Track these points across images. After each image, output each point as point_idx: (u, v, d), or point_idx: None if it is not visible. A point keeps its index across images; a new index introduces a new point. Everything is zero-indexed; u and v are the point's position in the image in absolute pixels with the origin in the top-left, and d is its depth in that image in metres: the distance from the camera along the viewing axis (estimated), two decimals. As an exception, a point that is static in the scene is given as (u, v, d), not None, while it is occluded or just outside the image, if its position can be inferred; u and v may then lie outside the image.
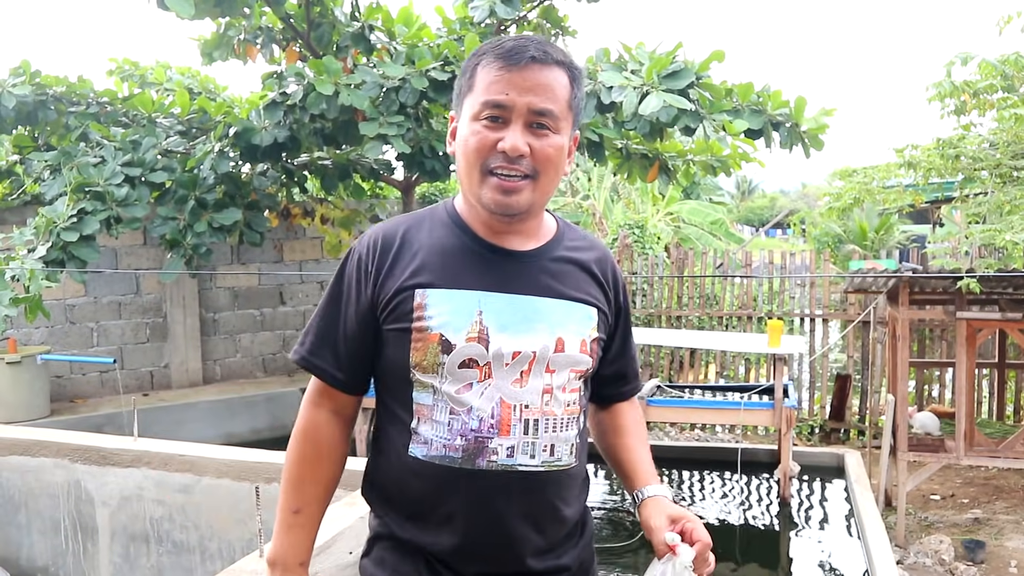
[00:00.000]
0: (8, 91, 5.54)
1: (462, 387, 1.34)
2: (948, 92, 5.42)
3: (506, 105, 1.32)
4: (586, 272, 1.48)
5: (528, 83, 1.33)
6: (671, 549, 1.32)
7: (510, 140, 1.32)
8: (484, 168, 1.34)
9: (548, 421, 1.38)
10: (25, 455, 3.49)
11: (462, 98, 1.40)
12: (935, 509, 5.49)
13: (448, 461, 1.34)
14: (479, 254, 1.40)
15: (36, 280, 4.67)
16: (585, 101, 1.50)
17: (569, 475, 1.43)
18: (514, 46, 1.35)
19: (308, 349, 1.46)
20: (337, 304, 1.44)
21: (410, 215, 1.48)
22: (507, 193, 1.34)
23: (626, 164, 6.42)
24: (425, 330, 1.34)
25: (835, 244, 16.25)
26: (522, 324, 1.37)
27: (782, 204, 38.91)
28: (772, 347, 4.93)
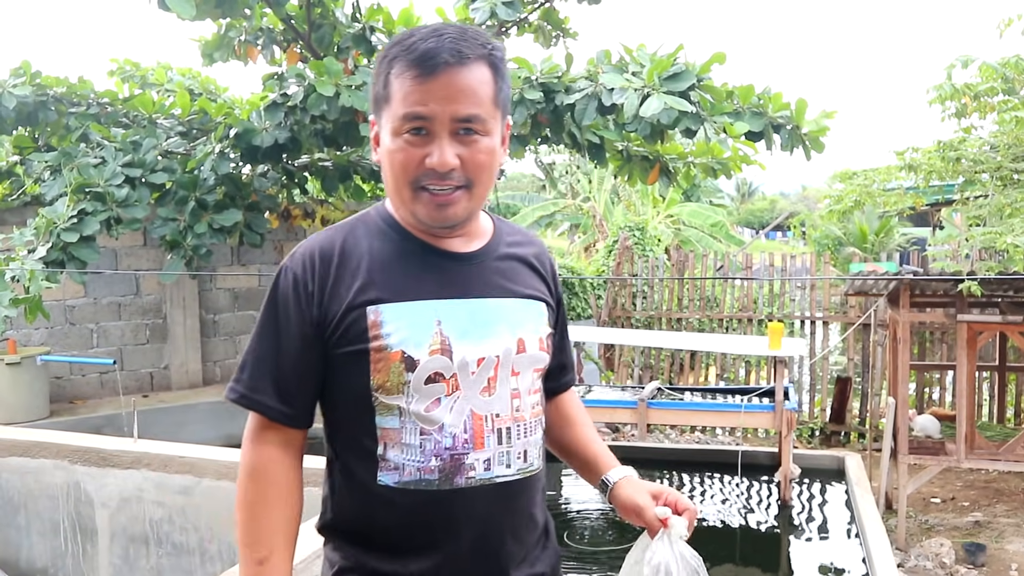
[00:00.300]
0: (8, 92, 5.54)
1: (430, 404, 1.27)
2: (949, 95, 5.42)
3: (427, 116, 1.24)
4: (529, 267, 1.44)
5: (447, 90, 1.24)
6: (663, 523, 1.30)
7: (437, 156, 1.24)
8: (414, 185, 1.26)
9: (519, 427, 1.34)
10: (25, 456, 3.49)
11: (380, 107, 1.31)
12: (936, 512, 5.48)
13: (424, 485, 1.27)
14: (426, 260, 1.33)
15: (36, 281, 4.67)
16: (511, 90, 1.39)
17: (538, 478, 1.39)
18: (426, 51, 1.24)
19: (247, 385, 1.31)
20: (274, 332, 1.30)
21: (341, 225, 1.38)
22: (442, 207, 1.27)
23: (627, 166, 6.42)
24: (384, 349, 1.25)
25: (835, 247, 16.25)
26: (482, 329, 1.31)
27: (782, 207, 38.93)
28: (773, 349, 4.92)
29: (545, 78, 5.19)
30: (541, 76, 5.19)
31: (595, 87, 5.03)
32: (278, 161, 6.07)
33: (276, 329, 1.30)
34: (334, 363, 1.29)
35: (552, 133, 5.69)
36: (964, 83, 5.46)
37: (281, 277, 1.33)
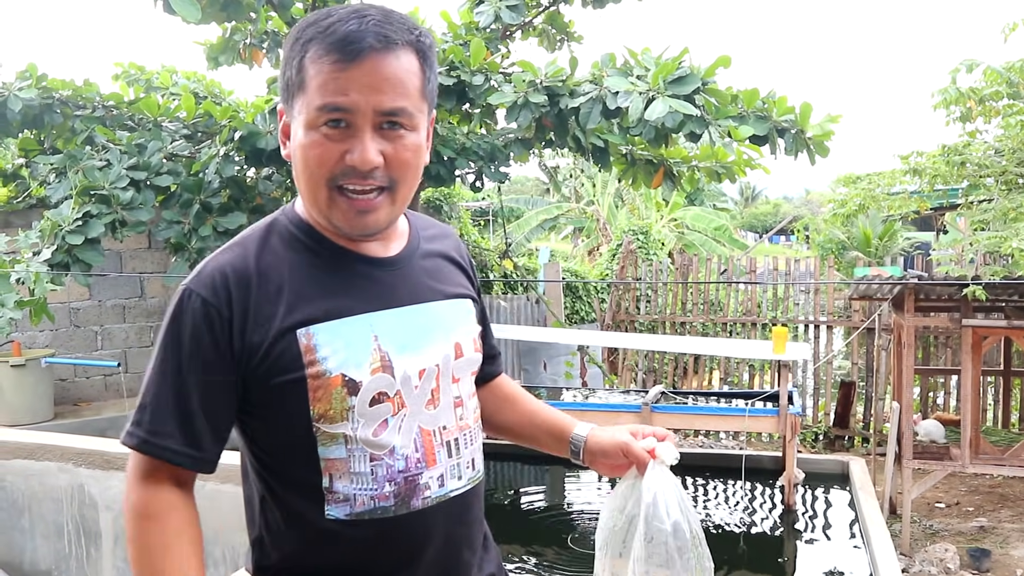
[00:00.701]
0: (15, 94, 5.55)
1: (377, 427, 1.16)
2: (954, 99, 5.42)
3: (348, 108, 1.10)
4: (452, 263, 1.35)
5: (371, 79, 1.10)
6: (651, 454, 1.29)
7: (359, 152, 1.11)
8: (331, 184, 1.13)
9: (466, 435, 1.28)
10: (29, 459, 3.49)
11: (291, 95, 1.15)
12: (940, 517, 5.47)
13: (380, 513, 1.17)
14: (350, 270, 1.20)
15: (41, 283, 4.68)
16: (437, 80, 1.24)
17: (483, 483, 1.33)
18: (347, 33, 1.09)
19: (148, 429, 1.14)
20: (177, 366, 1.14)
21: (248, 238, 1.22)
22: (362, 214, 1.15)
23: (631, 170, 6.42)
24: (323, 375, 1.13)
25: (839, 251, 16.23)
26: (419, 338, 1.22)
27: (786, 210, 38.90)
28: (777, 354, 4.91)
29: (549, 82, 5.20)
30: (546, 80, 5.20)
31: (600, 91, 5.03)
32: (282, 164, 6.07)
33: (180, 363, 1.13)
34: (263, 396, 1.15)
35: (556, 137, 5.69)
36: (969, 87, 5.46)
37: (185, 303, 1.15)
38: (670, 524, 1.24)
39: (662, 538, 1.24)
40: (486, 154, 5.63)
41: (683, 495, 1.27)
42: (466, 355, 1.30)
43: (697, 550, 1.26)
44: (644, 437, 1.32)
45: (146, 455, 1.15)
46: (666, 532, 1.24)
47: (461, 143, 5.55)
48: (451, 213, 9.47)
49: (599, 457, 1.37)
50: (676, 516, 1.25)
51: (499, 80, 5.33)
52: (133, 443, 1.15)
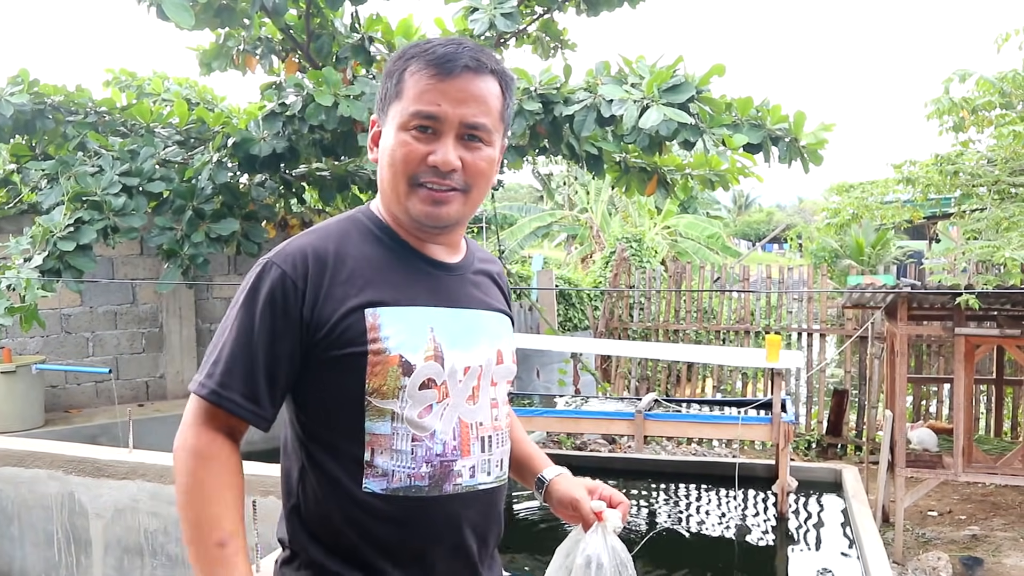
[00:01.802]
0: (6, 100, 5.54)
1: (423, 410, 1.27)
2: (947, 109, 5.45)
3: (438, 116, 1.26)
4: (496, 285, 1.49)
5: (461, 94, 1.27)
6: (598, 516, 1.35)
7: (441, 154, 1.26)
8: (412, 181, 1.28)
9: (498, 436, 1.38)
10: (19, 466, 3.46)
11: (387, 104, 1.32)
12: (933, 525, 5.47)
13: (414, 491, 1.26)
14: (417, 267, 1.34)
15: (32, 290, 4.65)
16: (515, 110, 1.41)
17: (506, 487, 1.42)
18: (446, 52, 1.27)
19: (219, 381, 1.24)
20: (250, 327, 1.25)
21: (328, 227, 1.35)
22: (437, 204, 1.29)
23: (624, 177, 6.42)
24: (383, 352, 1.24)
25: (832, 259, 16.28)
26: (468, 338, 1.34)
27: (779, 219, 39.01)
28: (770, 362, 4.91)
29: (544, 89, 5.20)
30: (540, 87, 5.20)
31: (594, 98, 5.04)
32: (276, 171, 6.07)
33: (253, 325, 1.24)
34: (322, 366, 1.26)
35: (550, 144, 5.70)
36: (962, 97, 5.49)
37: (266, 273, 1.27)
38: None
39: None
40: (480, 161, 5.62)
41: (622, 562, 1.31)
42: (505, 363, 1.41)
43: None
44: (599, 497, 1.43)
45: (213, 404, 1.24)
46: None
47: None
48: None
49: (555, 504, 1.49)
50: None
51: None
52: (204, 392, 1.24)
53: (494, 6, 5.80)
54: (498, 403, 1.39)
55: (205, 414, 1.25)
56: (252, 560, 2.75)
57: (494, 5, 5.81)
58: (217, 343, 1.27)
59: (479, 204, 1.36)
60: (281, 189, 6.64)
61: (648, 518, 4.69)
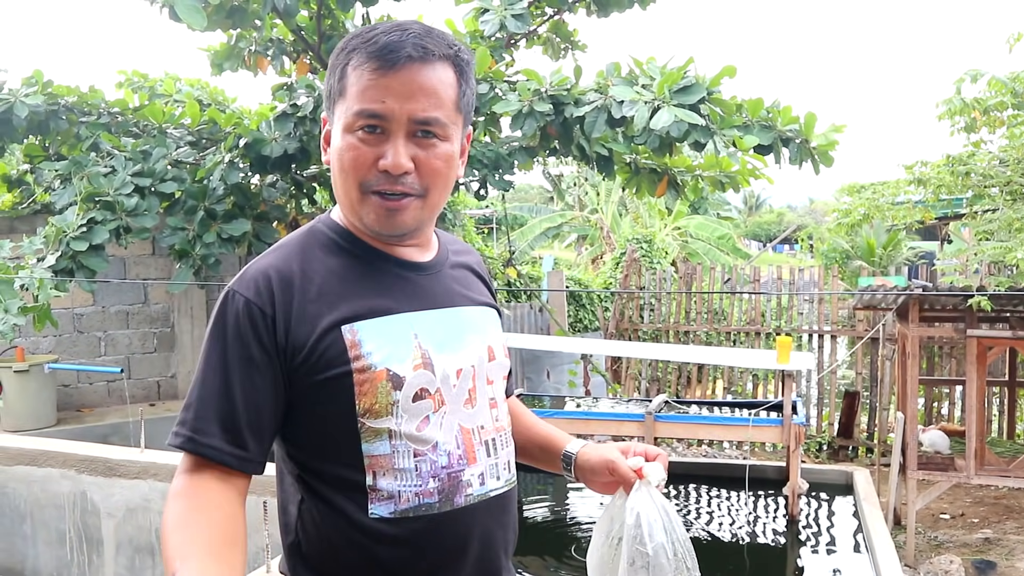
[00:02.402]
0: (20, 101, 5.57)
1: (420, 422, 1.19)
2: (958, 109, 5.42)
3: (383, 115, 1.15)
4: (476, 276, 1.40)
5: (407, 87, 1.15)
6: (638, 474, 1.27)
7: (391, 157, 1.15)
8: (364, 187, 1.18)
9: (502, 437, 1.30)
10: (31, 465, 3.49)
11: (333, 102, 1.21)
12: (945, 528, 5.44)
13: (425, 509, 1.18)
14: (388, 272, 1.25)
15: (45, 289, 4.68)
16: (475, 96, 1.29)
17: (516, 488, 1.35)
18: (387, 43, 1.15)
19: (192, 427, 1.14)
20: (222, 365, 1.15)
21: (288, 244, 1.25)
22: (391, 213, 1.19)
23: (635, 179, 6.42)
24: (368, 369, 1.16)
25: (843, 260, 16.20)
26: (456, 339, 1.26)
27: (789, 219, 38.89)
28: (780, 363, 4.90)
29: (554, 90, 5.20)
30: (551, 88, 5.20)
31: (605, 99, 5.04)
32: (287, 171, 6.09)
33: (225, 361, 1.15)
34: (307, 393, 1.17)
35: (561, 145, 5.70)
36: (974, 97, 5.46)
37: (229, 304, 1.17)
38: (651, 548, 1.21)
39: (643, 562, 1.21)
40: (490, 162, 5.63)
41: (671, 517, 1.24)
42: (498, 359, 1.33)
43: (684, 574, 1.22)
44: (634, 455, 1.32)
45: (191, 454, 1.15)
46: (647, 556, 1.21)
47: (465, 151, 5.56)
48: (455, 221, 9.47)
49: (588, 474, 1.38)
50: (660, 539, 1.22)
51: (504, 89, 5.34)
52: (178, 443, 1.15)
53: (504, 7, 5.81)
54: (497, 402, 1.31)
55: (188, 465, 1.15)
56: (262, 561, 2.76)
57: (504, 6, 5.81)
58: (191, 388, 1.17)
59: (441, 205, 1.26)
60: (292, 190, 6.67)
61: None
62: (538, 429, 1.50)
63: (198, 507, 1.11)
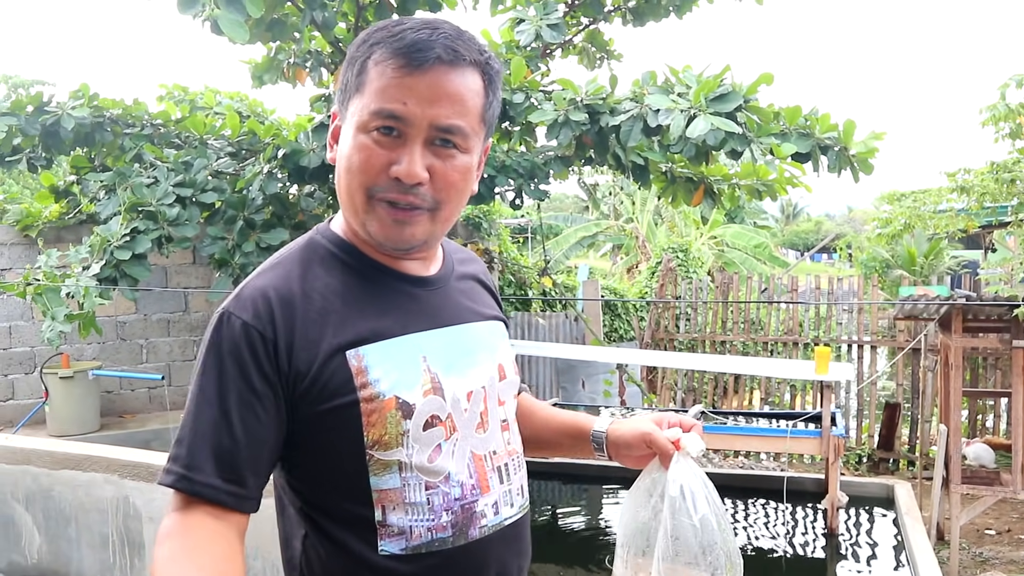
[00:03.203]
0: (68, 113, 5.71)
1: (432, 452, 1.11)
2: (1003, 116, 5.33)
3: (403, 117, 1.05)
4: (483, 286, 1.32)
5: (433, 91, 1.05)
6: (675, 445, 1.21)
7: (406, 164, 1.06)
8: (371, 193, 1.08)
9: (514, 460, 1.23)
10: (76, 469, 3.56)
11: (347, 97, 1.11)
12: (990, 545, 5.32)
13: (438, 545, 1.11)
14: (393, 288, 1.15)
15: (90, 297, 4.78)
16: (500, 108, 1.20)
17: (529, 512, 1.29)
18: (415, 40, 1.05)
19: (185, 464, 1.03)
20: (217, 395, 1.04)
21: (285, 261, 1.15)
22: (399, 225, 1.09)
23: (671, 188, 6.39)
24: (376, 398, 1.07)
25: (883, 269, 15.97)
26: (465, 359, 1.17)
27: (828, 228, 38.41)
28: (819, 374, 4.83)
29: (590, 99, 5.20)
30: (586, 98, 5.20)
31: (640, 108, 5.02)
32: (325, 181, 6.15)
33: (221, 390, 1.04)
34: (311, 424, 1.08)
35: (596, 154, 5.69)
36: (1019, 103, 5.36)
37: (224, 327, 1.06)
38: (698, 519, 1.17)
39: (689, 534, 1.17)
40: (526, 172, 5.64)
41: (711, 489, 1.20)
42: (508, 377, 1.26)
43: (727, 547, 1.19)
44: (669, 426, 1.25)
45: (183, 493, 1.04)
46: (694, 527, 1.17)
47: (501, 161, 5.58)
48: (490, 230, 9.50)
49: (623, 449, 1.30)
50: (704, 510, 1.18)
51: (539, 98, 5.35)
52: (169, 481, 1.04)
53: (540, 17, 5.83)
54: (508, 424, 1.23)
55: (181, 503, 1.05)
56: (300, 566, 2.78)
57: (540, 16, 5.83)
58: (184, 420, 1.07)
59: (453, 220, 1.16)
60: (329, 199, 6.73)
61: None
62: (560, 418, 1.43)
63: (191, 547, 1.01)
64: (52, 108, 5.77)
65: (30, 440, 4.03)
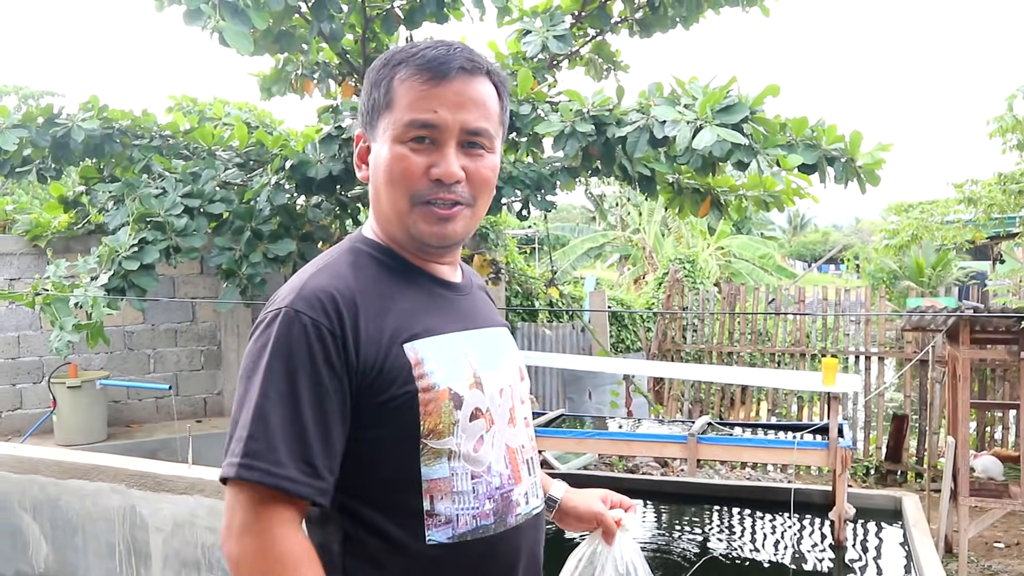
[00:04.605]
0: (78, 125, 5.75)
1: (476, 443, 1.18)
2: (1010, 127, 5.32)
3: (436, 124, 1.15)
4: (490, 298, 1.44)
5: (459, 98, 1.16)
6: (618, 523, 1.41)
7: (444, 166, 1.15)
8: (415, 198, 1.17)
9: (535, 456, 1.34)
10: (84, 479, 3.57)
11: (375, 116, 1.20)
12: (999, 558, 5.28)
13: (482, 532, 1.17)
14: (434, 292, 1.24)
15: (98, 307, 4.80)
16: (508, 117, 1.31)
17: None
18: (436, 55, 1.16)
19: (269, 459, 1.06)
20: (288, 391, 1.08)
21: (335, 264, 1.21)
22: (443, 222, 1.19)
23: (678, 199, 6.39)
24: (433, 388, 1.14)
25: (890, 280, 15.93)
26: (495, 359, 1.27)
27: (835, 239, 38.34)
28: (826, 385, 4.82)
29: (596, 111, 5.22)
30: (592, 109, 5.22)
31: (647, 120, 5.04)
32: (332, 192, 6.18)
33: (293, 386, 1.08)
34: (369, 415, 1.13)
35: (603, 165, 5.70)
36: (1026, 115, 5.36)
37: (293, 325, 1.10)
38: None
39: None
40: (532, 182, 5.66)
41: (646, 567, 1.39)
42: (525, 379, 1.36)
43: None
44: (613, 507, 1.43)
45: (269, 488, 1.06)
46: None
47: (508, 172, 5.59)
48: (497, 241, 9.51)
49: (572, 520, 1.45)
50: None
51: (546, 109, 5.37)
52: (255, 477, 1.06)
53: (547, 29, 5.86)
54: (528, 421, 1.34)
55: (262, 505, 1.07)
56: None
57: (547, 28, 5.86)
58: (247, 416, 1.09)
59: (483, 215, 1.27)
60: (337, 210, 6.76)
61: (701, 543, 4.62)
62: None
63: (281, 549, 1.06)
64: (62, 120, 5.81)
65: (38, 449, 4.05)
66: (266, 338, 1.11)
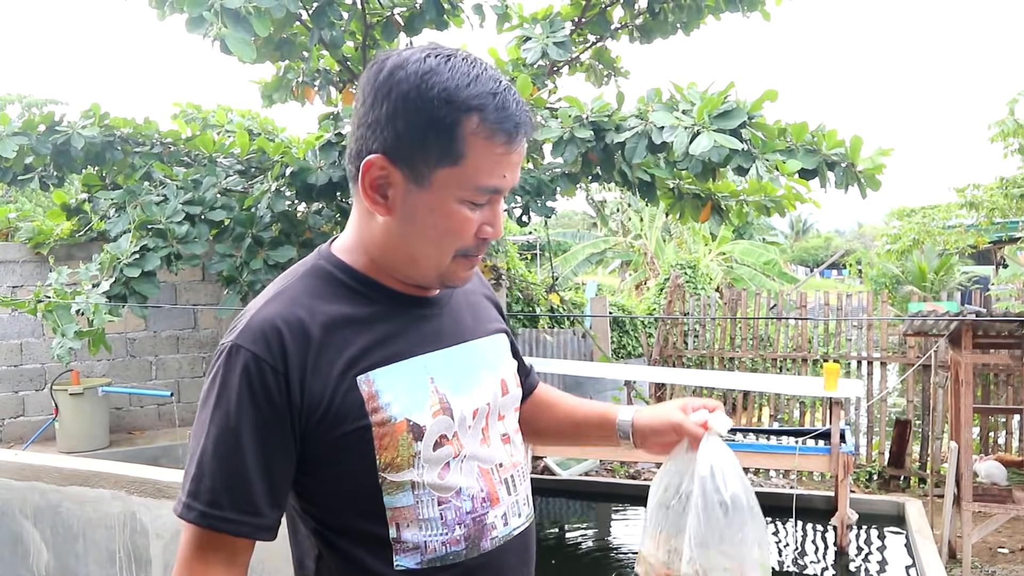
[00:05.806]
0: (79, 133, 5.76)
1: (441, 470, 1.14)
2: (1012, 131, 5.32)
3: (502, 189, 1.11)
4: (485, 297, 1.36)
5: (519, 160, 1.12)
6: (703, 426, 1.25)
7: (498, 228, 1.14)
8: (459, 253, 1.13)
9: (518, 472, 1.27)
10: (85, 485, 3.56)
11: (428, 162, 1.07)
12: (1004, 563, 5.26)
13: (452, 558, 1.15)
14: (403, 313, 1.17)
15: (100, 314, 4.81)
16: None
17: (534, 522, 1.32)
18: (513, 114, 1.07)
19: (207, 500, 1.07)
20: (229, 428, 1.06)
21: (290, 289, 1.15)
22: (470, 269, 1.18)
23: (678, 204, 6.39)
24: (388, 421, 1.09)
25: (893, 285, 15.89)
26: (470, 377, 1.20)
27: (837, 244, 38.31)
28: (828, 391, 4.81)
29: (596, 117, 5.22)
30: (592, 115, 5.23)
31: (645, 125, 5.04)
32: (332, 199, 6.19)
33: (233, 424, 1.06)
34: (324, 450, 1.10)
35: (603, 171, 5.71)
36: (1027, 119, 5.36)
37: (235, 360, 1.07)
38: (728, 496, 1.19)
39: (720, 512, 1.19)
40: (533, 188, 5.66)
41: (740, 467, 1.23)
42: (511, 392, 1.29)
43: (756, 523, 1.22)
44: (694, 410, 1.28)
45: (205, 529, 1.08)
46: (724, 505, 1.19)
47: (508, 178, 5.60)
48: (498, 247, 9.52)
49: (650, 437, 1.33)
50: (734, 488, 1.20)
51: (545, 115, 5.38)
52: (192, 517, 1.08)
53: (547, 35, 5.87)
54: (510, 437, 1.27)
55: (198, 542, 1.09)
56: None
57: (547, 34, 5.87)
58: (194, 453, 1.09)
59: None
60: (337, 217, 6.76)
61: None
62: (584, 409, 1.46)
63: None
64: (63, 127, 5.83)
65: (39, 456, 4.05)
66: (214, 373, 1.10)
